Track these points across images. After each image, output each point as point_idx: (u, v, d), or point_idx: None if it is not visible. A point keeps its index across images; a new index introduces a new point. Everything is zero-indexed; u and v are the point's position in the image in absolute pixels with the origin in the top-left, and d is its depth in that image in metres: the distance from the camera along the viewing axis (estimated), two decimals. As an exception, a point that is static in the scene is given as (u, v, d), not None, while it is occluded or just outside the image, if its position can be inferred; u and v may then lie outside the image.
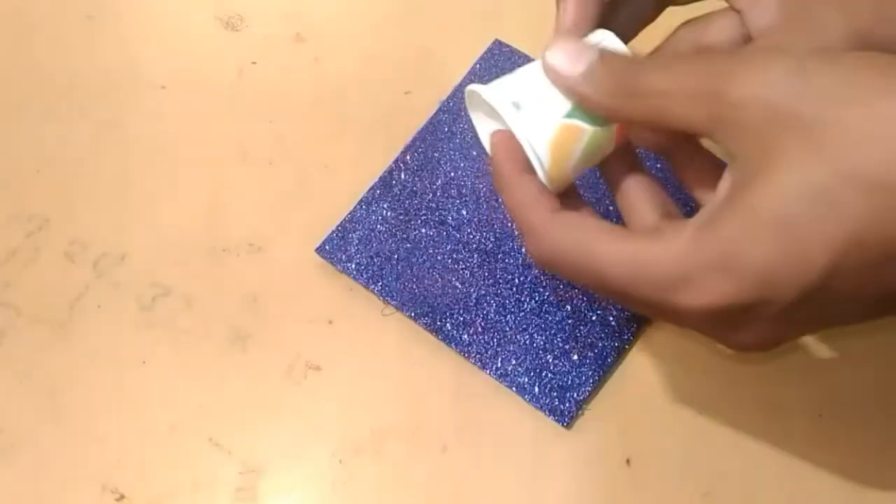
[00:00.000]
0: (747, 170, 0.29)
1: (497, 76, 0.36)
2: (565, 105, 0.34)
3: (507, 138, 0.34)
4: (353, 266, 0.46)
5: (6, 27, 0.55)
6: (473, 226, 0.47)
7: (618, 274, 0.30)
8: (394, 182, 0.48)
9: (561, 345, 0.44)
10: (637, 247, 0.30)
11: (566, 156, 0.34)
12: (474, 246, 0.46)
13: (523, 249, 0.46)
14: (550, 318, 0.44)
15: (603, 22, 0.36)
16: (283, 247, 0.48)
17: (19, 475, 0.43)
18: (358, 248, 0.46)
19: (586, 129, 0.34)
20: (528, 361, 0.43)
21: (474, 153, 0.48)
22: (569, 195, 0.36)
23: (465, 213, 0.47)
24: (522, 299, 0.45)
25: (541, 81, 0.34)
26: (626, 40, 0.36)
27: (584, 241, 0.31)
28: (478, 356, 0.44)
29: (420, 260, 0.46)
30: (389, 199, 0.48)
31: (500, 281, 0.45)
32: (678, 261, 0.29)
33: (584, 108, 0.33)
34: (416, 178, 0.48)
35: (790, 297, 0.28)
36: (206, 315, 0.46)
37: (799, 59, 0.28)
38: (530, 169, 0.34)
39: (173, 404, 0.44)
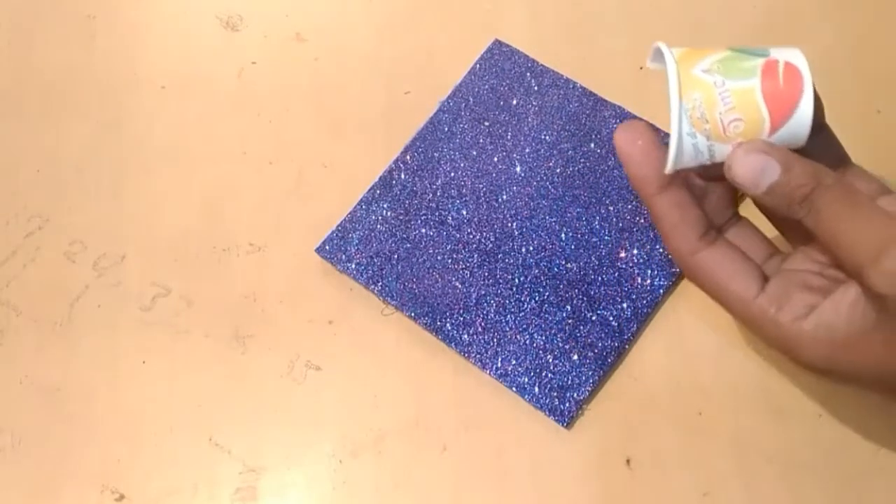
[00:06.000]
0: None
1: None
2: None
3: (644, 148, 0.35)
4: (353, 266, 0.46)
5: (6, 27, 0.55)
6: (473, 226, 0.47)
7: (744, 321, 0.36)
8: (394, 182, 0.48)
9: (561, 345, 0.44)
10: (762, 317, 0.35)
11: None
12: (474, 246, 0.46)
13: (523, 250, 0.46)
14: (550, 318, 0.44)
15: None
16: (283, 247, 0.48)
17: (19, 475, 0.43)
18: (358, 248, 0.46)
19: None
20: (528, 361, 0.43)
21: (474, 153, 0.48)
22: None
23: (465, 213, 0.47)
24: (522, 299, 0.45)
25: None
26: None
27: (717, 289, 0.36)
28: (478, 356, 0.44)
29: (420, 260, 0.46)
30: (389, 199, 0.48)
31: (500, 281, 0.45)
32: (807, 349, 0.34)
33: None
34: (416, 178, 0.48)
35: None
36: (206, 315, 0.46)
37: None
38: (663, 184, 0.35)
39: (173, 404, 0.44)
